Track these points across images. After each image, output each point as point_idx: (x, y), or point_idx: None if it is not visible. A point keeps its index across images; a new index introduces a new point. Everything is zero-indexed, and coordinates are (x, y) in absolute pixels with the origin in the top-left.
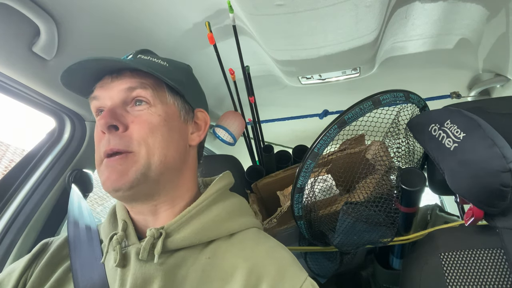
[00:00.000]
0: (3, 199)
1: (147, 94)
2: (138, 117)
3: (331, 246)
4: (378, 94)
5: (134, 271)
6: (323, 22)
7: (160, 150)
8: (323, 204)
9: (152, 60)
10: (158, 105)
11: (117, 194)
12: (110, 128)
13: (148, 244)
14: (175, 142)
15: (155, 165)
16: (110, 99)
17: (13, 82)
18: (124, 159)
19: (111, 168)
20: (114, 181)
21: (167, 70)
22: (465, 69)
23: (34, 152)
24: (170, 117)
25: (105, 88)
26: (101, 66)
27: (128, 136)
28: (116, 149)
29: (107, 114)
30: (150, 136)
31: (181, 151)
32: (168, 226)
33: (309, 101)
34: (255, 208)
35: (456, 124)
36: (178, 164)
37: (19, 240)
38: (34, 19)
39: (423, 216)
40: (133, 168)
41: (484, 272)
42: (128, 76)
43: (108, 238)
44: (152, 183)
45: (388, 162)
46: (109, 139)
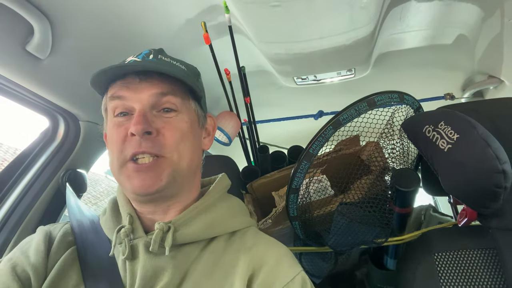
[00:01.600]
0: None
1: (176, 100)
2: (168, 123)
3: (325, 247)
4: (373, 95)
5: (144, 263)
6: (318, 23)
7: (188, 155)
8: (318, 204)
9: (174, 64)
10: (185, 111)
11: (145, 198)
12: (145, 133)
13: (158, 237)
14: (197, 147)
15: (183, 169)
16: (140, 102)
17: (6, 81)
18: (156, 165)
19: (143, 173)
20: (149, 186)
21: (188, 75)
22: (459, 71)
23: (27, 151)
24: (194, 123)
25: (132, 90)
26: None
27: (160, 141)
28: (148, 152)
29: (142, 120)
30: (181, 142)
31: (199, 155)
32: (175, 220)
33: (304, 102)
34: (250, 208)
35: (450, 125)
36: (196, 167)
37: (12, 240)
38: (28, 18)
39: (417, 217)
40: (165, 172)
41: (477, 272)
42: (157, 80)
43: (116, 231)
44: (178, 186)
45: (382, 163)
46: (140, 142)
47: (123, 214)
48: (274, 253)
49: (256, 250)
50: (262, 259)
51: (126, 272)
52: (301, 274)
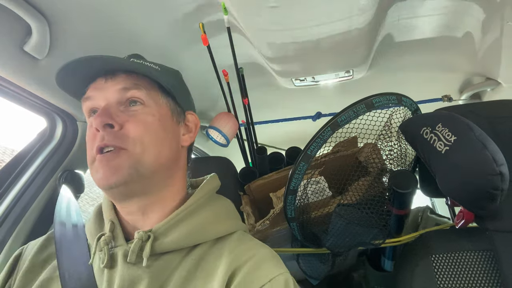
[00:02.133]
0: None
1: (141, 94)
2: (133, 117)
3: (323, 248)
4: (371, 97)
5: (122, 273)
6: (317, 24)
7: (155, 148)
8: (316, 206)
9: (144, 64)
10: (152, 105)
11: (111, 191)
12: (106, 126)
13: (136, 246)
14: (168, 141)
15: (149, 162)
16: (105, 99)
17: (4, 81)
18: (117, 154)
19: (104, 164)
20: (109, 177)
21: (159, 73)
22: (457, 73)
23: (24, 152)
24: (164, 117)
25: (99, 89)
26: (96, 66)
27: (123, 134)
28: (110, 144)
29: (102, 113)
30: (145, 134)
31: (173, 150)
32: (156, 229)
33: (303, 103)
34: (248, 209)
35: (447, 127)
36: (170, 163)
37: (9, 241)
38: (26, 18)
39: (414, 218)
40: (126, 163)
41: (475, 273)
42: (122, 78)
43: (96, 239)
44: (145, 179)
45: (380, 165)
46: (103, 136)
47: (106, 221)
48: (256, 254)
49: (237, 253)
50: (243, 260)
51: (103, 281)
52: (283, 275)
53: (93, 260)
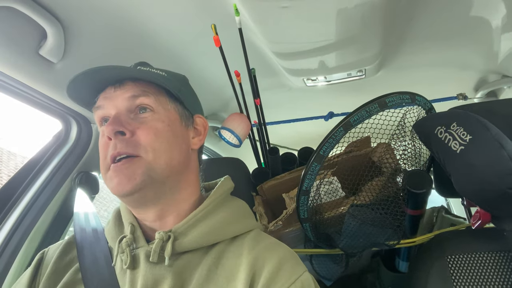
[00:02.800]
0: (10, 200)
1: (150, 101)
2: (143, 124)
3: (336, 249)
4: (384, 96)
5: (145, 273)
6: (328, 23)
7: (166, 154)
8: (329, 206)
9: (151, 71)
10: (161, 111)
11: (127, 199)
12: (117, 134)
13: (158, 246)
14: (178, 145)
15: (161, 167)
16: (115, 107)
17: (20, 85)
18: (131, 162)
19: (119, 172)
20: (124, 186)
21: (166, 79)
22: (472, 71)
23: (40, 154)
24: (173, 122)
25: (108, 98)
26: (104, 76)
27: (135, 141)
28: (123, 152)
29: (113, 121)
30: (156, 141)
31: (184, 154)
32: (176, 229)
33: (315, 103)
34: (261, 210)
35: (462, 126)
36: (182, 167)
37: (26, 241)
38: (41, 22)
39: (429, 219)
40: (140, 170)
41: (492, 275)
42: (130, 85)
43: (118, 241)
44: (158, 185)
45: (394, 165)
46: (115, 144)
47: (125, 224)
48: (275, 255)
49: (257, 253)
50: (264, 262)
51: (126, 282)
52: (303, 276)
53: (117, 262)
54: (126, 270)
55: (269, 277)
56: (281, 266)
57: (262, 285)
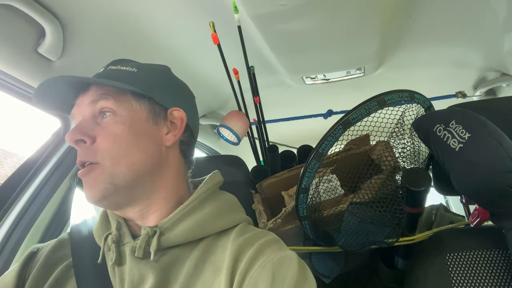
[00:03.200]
0: (9, 199)
1: (109, 103)
2: (104, 129)
3: (335, 247)
4: (383, 94)
5: (131, 269)
6: (327, 21)
7: (126, 158)
8: (328, 204)
9: (119, 69)
10: (123, 112)
11: (99, 204)
12: (78, 142)
13: (143, 242)
14: (143, 147)
15: (122, 173)
16: (81, 114)
17: (19, 83)
18: (90, 170)
19: (84, 180)
20: (89, 194)
21: (134, 76)
22: (471, 69)
23: (39, 152)
24: (136, 122)
25: (77, 105)
26: (68, 85)
27: (94, 149)
28: (84, 160)
29: (73, 129)
30: (114, 146)
31: (153, 154)
32: (162, 224)
33: (314, 101)
34: (260, 208)
35: (461, 124)
36: (151, 168)
37: (24, 240)
38: (39, 20)
39: (428, 216)
40: (101, 178)
41: (490, 273)
42: (93, 90)
43: (103, 238)
44: (125, 190)
45: (393, 163)
46: (79, 152)
47: (112, 221)
48: (257, 242)
49: (240, 243)
50: (244, 250)
51: (116, 278)
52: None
53: (107, 259)
54: (114, 267)
55: (248, 262)
56: (262, 250)
57: (241, 270)
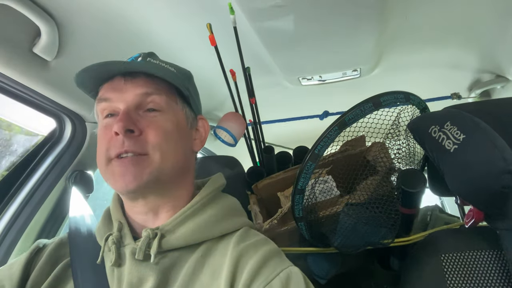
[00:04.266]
0: (3, 199)
1: (161, 100)
2: (153, 123)
3: (331, 248)
4: (378, 96)
5: (130, 270)
6: (323, 22)
7: (173, 155)
8: (324, 205)
9: (162, 65)
10: (170, 111)
11: (128, 195)
12: (127, 131)
13: (143, 244)
14: (184, 147)
15: (168, 169)
16: (125, 102)
17: (14, 83)
18: (137, 161)
19: (124, 168)
20: (129, 183)
21: (176, 77)
22: (466, 70)
23: (34, 153)
24: (180, 123)
25: (118, 91)
26: (115, 68)
27: (143, 140)
28: (130, 150)
29: (124, 117)
30: (165, 141)
31: (188, 156)
32: (163, 226)
33: (310, 102)
34: (256, 209)
35: (456, 125)
36: (185, 168)
37: (20, 240)
38: (34, 20)
39: (423, 217)
40: (147, 170)
41: (485, 273)
42: (143, 81)
43: (104, 239)
44: (163, 185)
45: (388, 164)
46: (123, 141)
47: (114, 221)
48: (260, 252)
49: (241, 250)
50: (247, 259)
51: (114, 279)
52: (289, 268)
53: (105, 260)
54: (113, 268)
55: (252, 273)
56: (265, 262)
57: (244, 281)
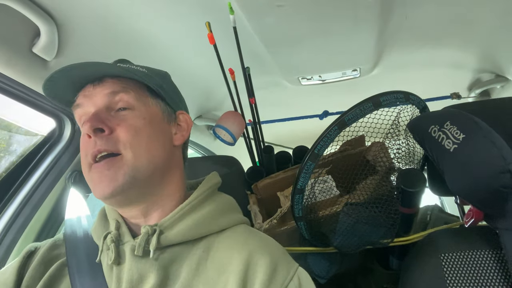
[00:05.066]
0: (3, 199)
1: (130, 97)
2: (123, 121)
3: (331, 247)
4: (378, 95)
5: (130, 267)
6: (323, 22)
7: (148, 151)
8: (324, 205)
9: (131, 67)
10: (141, 108)
11: (109, 201)
12: (96, 131)
13: (143, 240)
14: (160, 142)
15: (143, 166)
16: (94, 105)
17: (13, 83)
18: (111, 163)
19: (100, 173)
20: (105, 188)
21: (147, 75)
22: (465, 70)
23: (33, 152)
24: (154, 118)
25: (87, 96)
26: (83, 74)
27: (115, 138)
28: (103, 149)
29: (92, 118)
30: (136, 138)
31: (167, 151)
32: (162, 223)
33: (309, 102)
34: (255, 209)
35: (455, 125)
36: (165, 163)
37: (19, 240)
38: (34, 20)
39: (423, 217)
40: (121, 171)
41: (485, 273)
42: (110, 82)
43: (102, 237)
44: (142, 184)
45: (388, 163)
46: (95, 141)
47: (110, 221)
48: (268, 252)
49: (251, 249)
50: (257, 259)
51: (113, 278)
52: (298, 270)
53: (102, 259)
54: (112, 266)
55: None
56: (277, 263)
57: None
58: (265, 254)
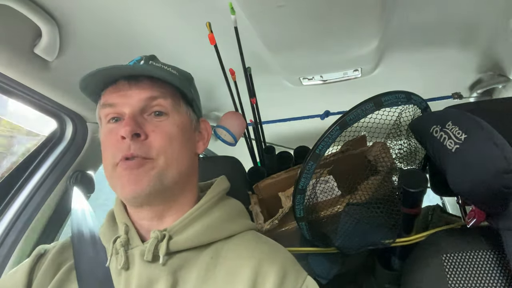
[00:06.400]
0: (4, 200)
1: (167, 103)
2: (158, 127)
3: (332, 248)
4: (380, 95)
5: (139, 272)
6: (324, 22)
7: (178, 160)
8: (325, 205)
9: (164, 68)
10: (175, 115)
11: (132, 200)
12: (134, 135)
13: (152, 245)
14: (188, 151)
15: (172, 174)
16: (130, 106)
17: (15, 84)
18: (141, 164)
19: (129, 171)
20: (133, 188)
21: (180, 80)
22: (467, 70)
23: (35, 153)
24: (185, 127)
25: (122, 95)
26: (118, 72)
27: (149, 144)
28: (136, 154)
29: (130, 122)
30: (169, 146)
31: (192, 159)
32: (171, 228)
33: (311, 102)
34: (257, 209)
35: (457, 125)
36: (189, 171)
37: (21, 241)
38: (35, 20)
39: (424, 217)
40: (151, 173)
41: (486, 273)
42: (147, 84)
43: (112, 242)
44: (167, 190)
45: (389, 163)
46: (129, 145)
47: (119, 224)
48: (278, 260)
49: (260, 256)
50: (267, 268)
51: (121, 283)
52: (307, 279)
53: (110, 263)
54: (121, 271)
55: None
56: (286, 272)
57: None
58: (274, 263)
